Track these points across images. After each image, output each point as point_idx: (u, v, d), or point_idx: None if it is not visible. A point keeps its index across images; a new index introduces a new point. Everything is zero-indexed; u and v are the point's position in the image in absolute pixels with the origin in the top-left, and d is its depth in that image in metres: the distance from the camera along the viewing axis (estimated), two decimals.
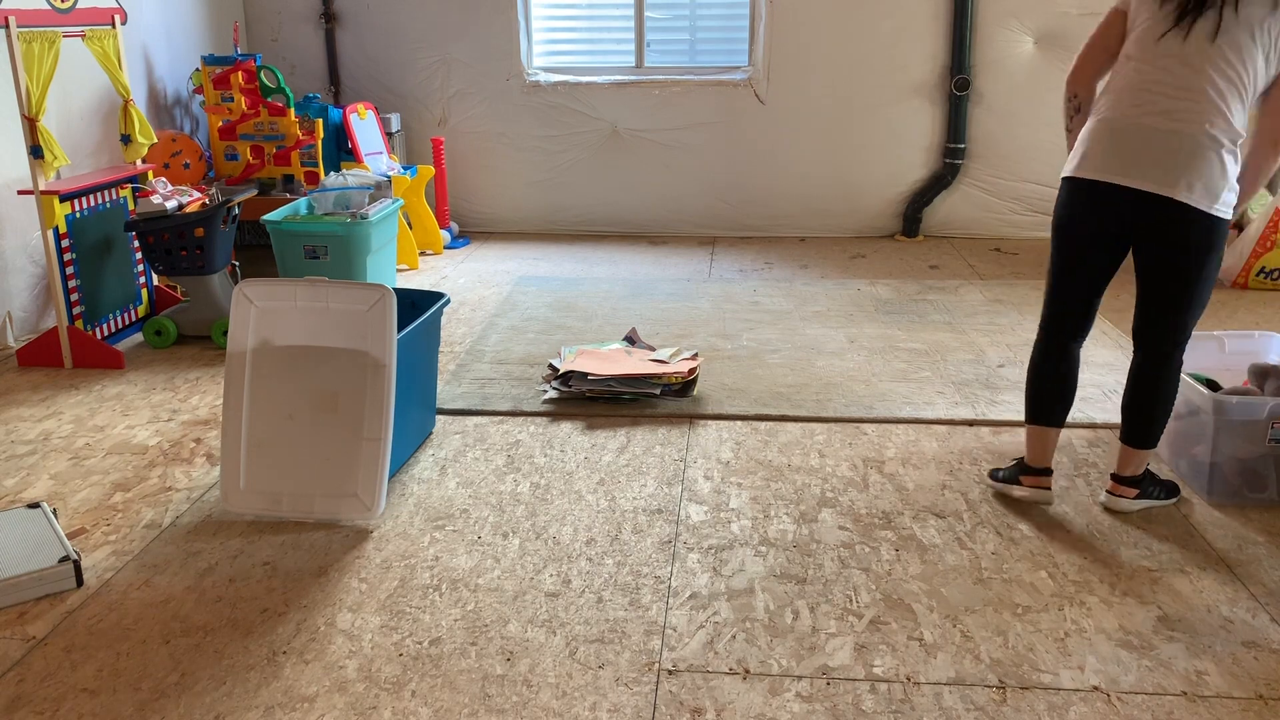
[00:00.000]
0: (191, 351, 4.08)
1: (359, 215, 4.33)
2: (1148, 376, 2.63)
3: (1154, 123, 2.42)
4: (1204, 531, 2.62)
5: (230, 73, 5.03)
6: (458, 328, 4.34)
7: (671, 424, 3.33)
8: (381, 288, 2.69)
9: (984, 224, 5.95)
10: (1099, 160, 2.50)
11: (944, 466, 3.01)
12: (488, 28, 5.87)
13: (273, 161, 5.13)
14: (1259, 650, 2.14)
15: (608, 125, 5.96)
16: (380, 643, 2.19)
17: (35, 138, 3.65)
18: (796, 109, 5.81)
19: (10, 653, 2.17)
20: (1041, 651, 2.14)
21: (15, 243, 4.10)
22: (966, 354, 3.95)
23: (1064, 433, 3.22)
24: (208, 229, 4.05)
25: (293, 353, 2.72)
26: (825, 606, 2.31)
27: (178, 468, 3.05)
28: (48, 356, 3.89)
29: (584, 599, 2.34)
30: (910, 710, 1.97)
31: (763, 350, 4.01)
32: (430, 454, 3.12)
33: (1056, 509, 2.75)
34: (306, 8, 5.95)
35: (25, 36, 3.57)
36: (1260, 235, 4.70)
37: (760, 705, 1.98)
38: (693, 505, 2.79)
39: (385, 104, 6.00)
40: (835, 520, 2.70)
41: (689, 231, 6.11)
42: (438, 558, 2.53)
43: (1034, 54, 5.64)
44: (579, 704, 1.99)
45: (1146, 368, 2.63)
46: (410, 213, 5.51)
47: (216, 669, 2.11)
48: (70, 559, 2.40)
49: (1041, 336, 2.72)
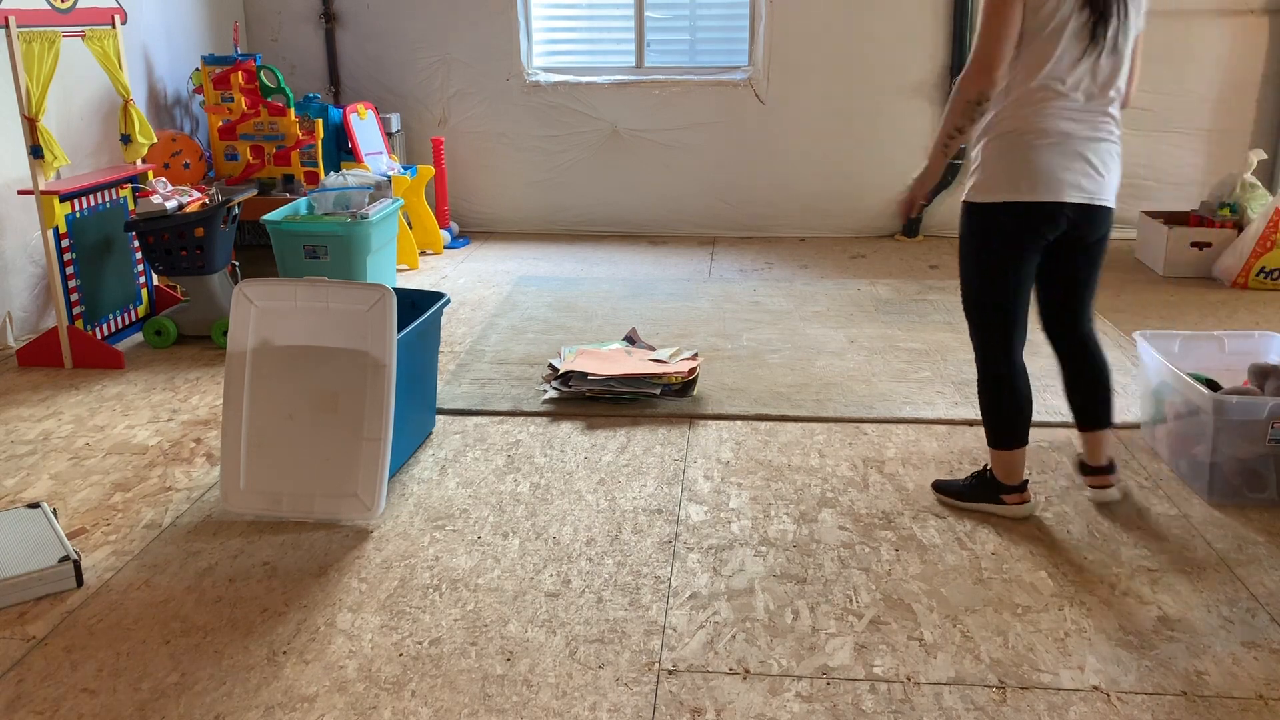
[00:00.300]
0: (191, 351, 4.08)
1: (359, 215, 4.33)
2: (1090, 356, 2.71)
3: (1101, 133, 2.51)
4: (1204, 531, 2.62)
5: (230, 73, 5.03)
6: (458, 328, 4.34)
7: (671, 424, 3.32)
8: (381, 288, 2.69)
9: None
10: (1064, 181, 2.44)
11: (944, 466, 3.01)
12: (488, 28, 5.87)
13: (273, 161, 5.13)
14: (1259, 650, 2.14)
15: (608, 125, 5.96)
16: (380, 643, 2.19)
17: (35, 138, 3.65)
18: (796, 109, 5.81)
19: (10, 653, 2.17)
20: (1041, 651, 2.14)
21: (15, 243, 4.10)
22: (966, 354, 3.94)
23: (1064, 433, 3.22)
24: (208, 229, 4.05)
25: (293, 353, 2.72)
26: (825, 606, 2.31)
27: (178, 468, 3.05)
28: (48, 356, 3.89)
29: (584, 599, 2.34)
30: (910, 710, 1.97)
31: (763, 350, 4.01)
32: (430, 454, 3.12)
33: (1057, 509, 2.75)
34: (306, 8, 5.95)
35: (25, 36, 3.57)
36: (1260, 235, 4.70)
37: (760, 705, 1.98)
38: (693, 505, 2.79)
39: (385, 104, 6.00)
40: (835, 520, 2.70)
41: (689, 231, 6.11)
42: (438, 558, 2.53)
43: None
44: (579, 704, 1.99)
45: (1083, 351, 2.70)
46: (410, 213, 5.51)
47: (216, 669, 2.11)
48: (70, 559, 2.40)
49: (1005, 363, 2.59)
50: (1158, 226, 5.12)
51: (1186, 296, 4.73)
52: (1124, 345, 4.02)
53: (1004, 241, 2.51)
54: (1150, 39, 5.75)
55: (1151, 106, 5.64)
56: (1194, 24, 5.51)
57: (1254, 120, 5.64)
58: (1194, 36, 5.53)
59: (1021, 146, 2.43)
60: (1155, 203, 5.69)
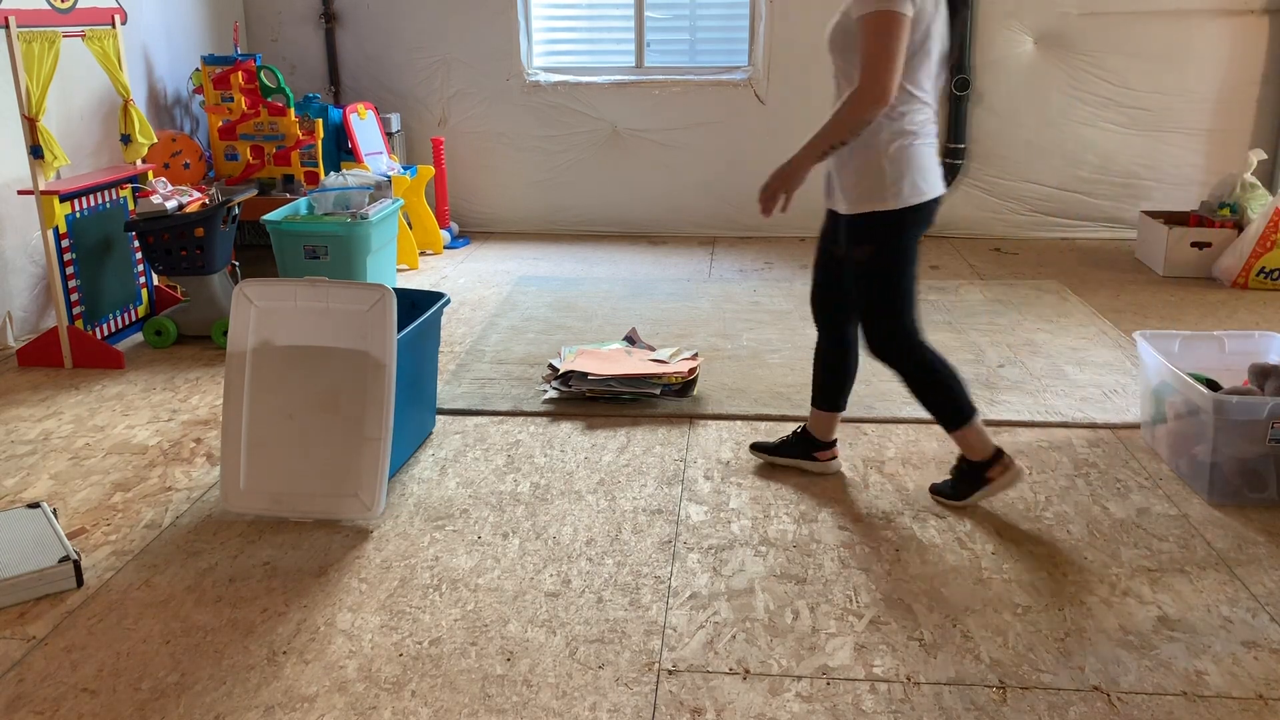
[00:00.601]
0: (191, 351, 4.08)
1: (359, 215, 4.33)
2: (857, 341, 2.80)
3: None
4: (1204, 531, 2.62)
5: (230, 73, 5.03)
6: (458, 328, 4.34)
7: (671, 424, 3.32)
8: (381, 288, 2.69)
9: (984, 224, 5.95)
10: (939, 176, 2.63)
11: (944, 466, 3.01)
12: (488, 28, 5.87)
13: (273, 161, 5.13)
14: (1259, 650, 2.14)
15: (608, 125, 5.96)
16: (380, 643, 2.19)
17: (35, 138, 3.65)
18: (796, 109, 5.80)
19: (10, 653, 2.17)
20: (1041, 651, 2.14)
21: (15, 243, 4.10)
22: (966, 354, 3.95)
23: (1064, 433, 3.23)
24: (208, 229, 4.05)
25: (293, 353, 2.72)
26: (825, 606, 2.31)
27: (178, 468, 3.05)
28: (48, 356, 3.89)
29: (584, 599, 2.34)
30: (910, 710, 1.97)
31: (763, 350, 4.01)
32: (430, 454, 3.12)
33: (1057, 509, 2.75)
34: (306, 8, 5.95)
35: (25, 36, 3.57)
36: (1260, 235, 4.70)
37: (760, 705, 1.98)
38: (693, 505, 2.79)
39: (385, 104, 6.00)
40: (835, 520, 2.70)
41: (689, 231, 6.11)
42: (438, 558, 2.53)
43: (1034, 54, 5.64)
44: (579, 704, 1.99)
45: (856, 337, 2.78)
46: (410, 213, 5.51)
47: (216, 669, 2.11)
48: (70, 559, 2.40)
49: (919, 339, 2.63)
50: (1158, 226, 5.12)
51: (1186, 296, 4.73)
52: (1124, 345, 4.02)
53: (911, 241, 2.60)
54: (1150, 39, 5.78)
55: (1151, 106, 5.64)
56: (1194, 24, 5.51)
57: (1254, 120, 5.64)
58: (1194, 36, 5.53)
59: (911, 151, 2.52)
60: (1155, 203, 5.70)
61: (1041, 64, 5.64)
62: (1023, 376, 3.70)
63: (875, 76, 2.34)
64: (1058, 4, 5.53)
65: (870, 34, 2.33)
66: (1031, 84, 5.68)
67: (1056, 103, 5.69)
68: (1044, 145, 5.75)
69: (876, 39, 2.33)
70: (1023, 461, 3.01)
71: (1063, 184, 5.82)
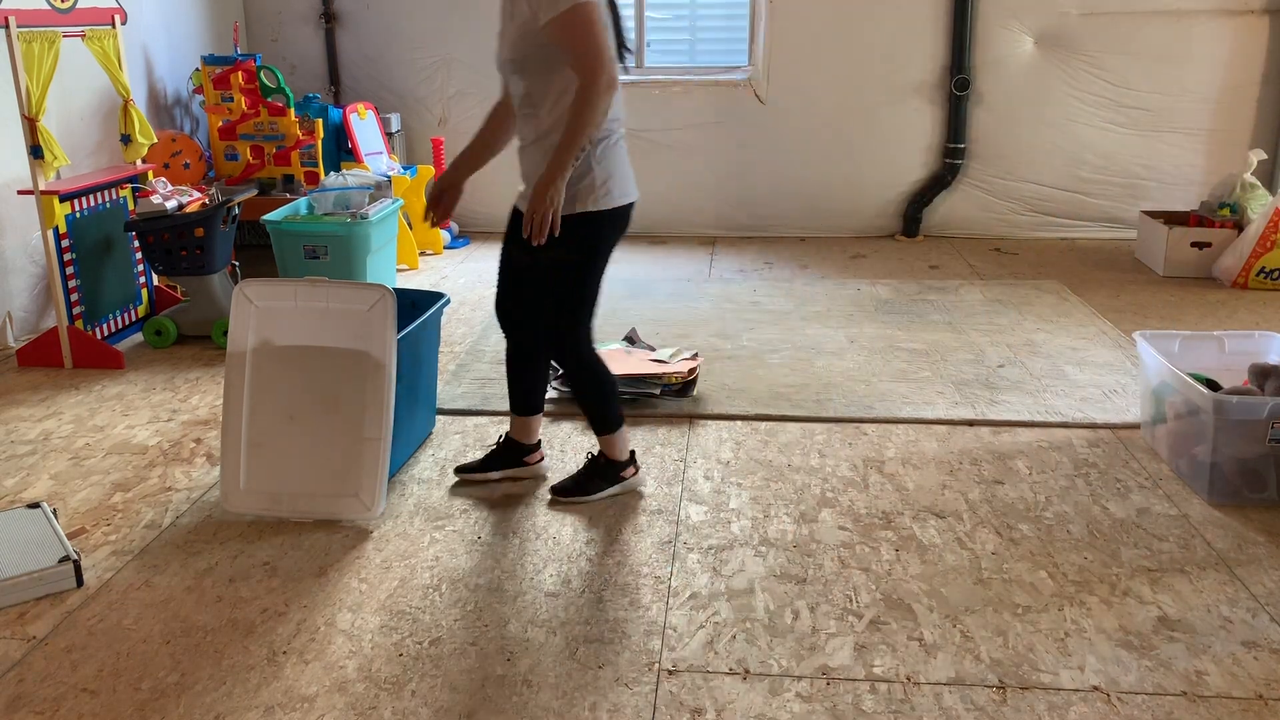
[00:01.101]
0: (191, 351, 4.08)
1: (359, 215, 4.33)
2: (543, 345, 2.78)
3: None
4: (1204, 531, 2.62)
5: (230, 73, 5.03)
6: (458, 328, 4.34)
7: (671, 424, 3.32)
8: (381, 288, 2.69)
9: (984, 224, 5.95)
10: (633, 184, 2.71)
11: (944, 466, 3.01)
12: (488, 28, 5.84)
13: (273, 161, 5.13)
14: (1259, 650, 2.14)
15: None
16: (380, 643, 2.19)
17: (35, 138, 3.65)
18: (796, 109, 5.81)
19: (10, 653, 2.17)
20: (1041, 651, 2.14)
21: (15, 243, 4.10)
22: (966, 354, 3.95)
23: (1064, 433, 3.23)
24: (208, 229, 4.05)
25: (293, 353, 2.72)
26: (825, 606, 2.31)
27: (178, 468, 3.05)
28: (48, 356, 3.89)
29: (584, 599, 2.34)
30: (910, 710, 1.97)
31: (763, 350, 4.01)
32: (430, 454, 3.12)
33: (1057, 508, 2.75)
34: (306, 8, 5.95)
35: (25, 36, 3.57)
36: (1260, 235, 4.70)
37: (760, 705, 1.98)
38: (693, 505, 2.79)
39: (385, 104, 6.00)
40: (835, 520, 2.70)
41: (689, 231, 6.11)
42: (438, 558, 2.53)
43: (1034, 54, 5.64)
44: (579, 704, 1.99)
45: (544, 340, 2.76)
46: (410, 213, 5.51)
47: (216, 669, 2.11)
48: (70, 559, 2.40)
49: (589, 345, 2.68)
50: (1158, 226, 5.12)
51: (1186, 296, 4.73)
52: (1124, 345, 4.02)
53: (609, 245, 2.63)
54: (1150, 39, 5.78)
55: (1151, 106, 5.64)
56: (1194, 24, 5.51)
57: (1254, 120, 5.64)
58: (1194, 36, 5.53)
59: (615, 152, 2.58)
60: (1155, 203, 5.70)
61: (1041, 64, 5.64)
62: (1023, 376, 3.70)
63: (600, 64, 2.38)
64: (1058, 4, 5.53)
65: (577, 28, 2.38)
66: (1031, 84, 5.68)
67: (1056, 103, 5.69)
68: (1044, 145, 5.75)
69: (585, 30, 2.37)
70: (1023, 461, 3.02)
71: (1063, 184, 5.82)
